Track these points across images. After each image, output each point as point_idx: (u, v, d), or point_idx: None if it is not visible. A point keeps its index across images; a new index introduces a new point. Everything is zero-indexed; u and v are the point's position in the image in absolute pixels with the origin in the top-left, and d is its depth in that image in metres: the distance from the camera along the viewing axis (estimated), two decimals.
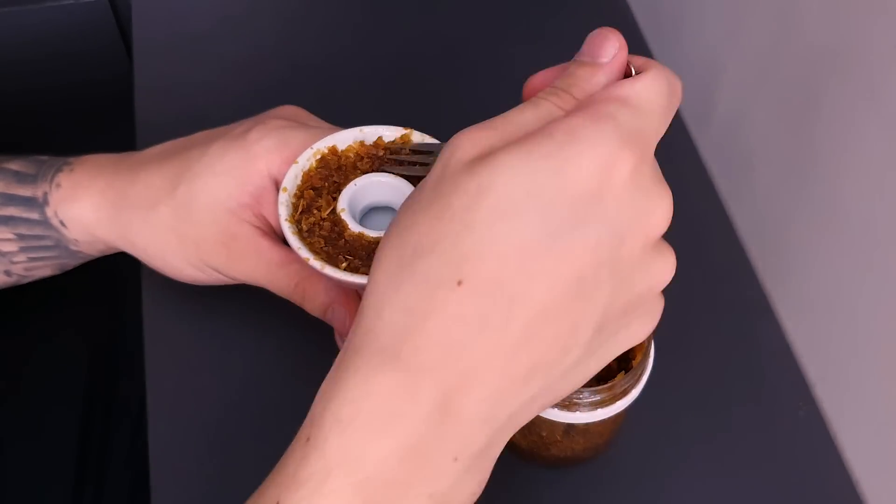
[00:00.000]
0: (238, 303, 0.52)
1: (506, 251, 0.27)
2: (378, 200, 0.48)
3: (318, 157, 0.47)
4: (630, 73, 0.31)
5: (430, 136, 0.48)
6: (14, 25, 0.81)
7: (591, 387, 0.40)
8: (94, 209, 0.48)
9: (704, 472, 0.49)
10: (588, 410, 0.41)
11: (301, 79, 0.66)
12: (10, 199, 0.48)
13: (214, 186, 0.46)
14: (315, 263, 0.43)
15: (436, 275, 0.27)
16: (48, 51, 0.83)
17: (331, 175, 0.47)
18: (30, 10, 0.81)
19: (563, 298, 0.27)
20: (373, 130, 0.48)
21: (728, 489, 0.48)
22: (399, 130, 0.48)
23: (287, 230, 0.44)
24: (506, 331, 0.27)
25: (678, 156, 0.63)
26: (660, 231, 0.29)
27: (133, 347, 0.56)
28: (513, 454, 0.47)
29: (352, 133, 0.48)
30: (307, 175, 0.47)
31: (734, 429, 0.50)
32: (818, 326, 0.52)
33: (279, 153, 0.46)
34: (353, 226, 0.45)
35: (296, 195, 0.46)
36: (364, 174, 0.47)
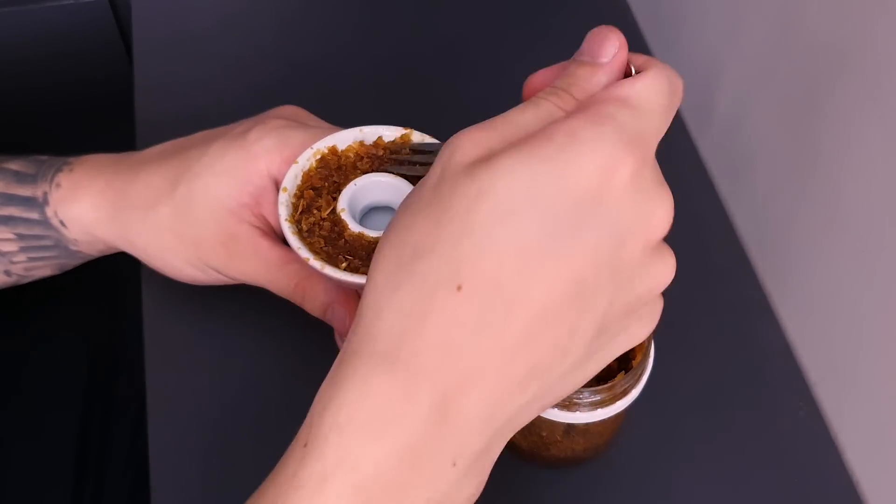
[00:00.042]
0: (238, 303, 0.52)
1: (505, 254, 0.27)
2: (378, 200, 0.48)
3: (318, 157, 0.47)
4: (631, 72, 0.31)
5: (430, 136, 0.48)
6: (14, 25, 0.81)
7: (591, 387, 0.40)
8: (94, 209, 0.48)
9: (704, 472, 0.49)
10: (588, 410, 0.41)
11: (301, 78, 0.66)
12: (10, 199, 0.48)
13: (214, 186, 0.46)
14: (315, 263, 0.43)
15: (434, 277, 0.27)
16: (48, 51, 0.83)
17: (331, 175, 0.47)
18: (30, 10, 0.81)
19: (562, 301, 0.27)
20: (373, 130, 0.48)
21: (728, 489, 0.48)
22: (399, 130, 0.48)
23: (287, 230, 0.44)
24: (504, 334, 0.27)
25: (678, 156, 0.63)
26: (660, 233, 0.29)
27: (133, 347, 0.56)
28: (513, 454, 0.47)
29: (352, 133, 0.48)
30: (307, 175, 0.47)
31: (734, 429, 0.50)
32: (818, 326, 0.52)
33: (279, 153, 0.46)
34: (353, 226, 0.45)
35: (296, 195, 0.46)
36: (364, 174, 0.47)
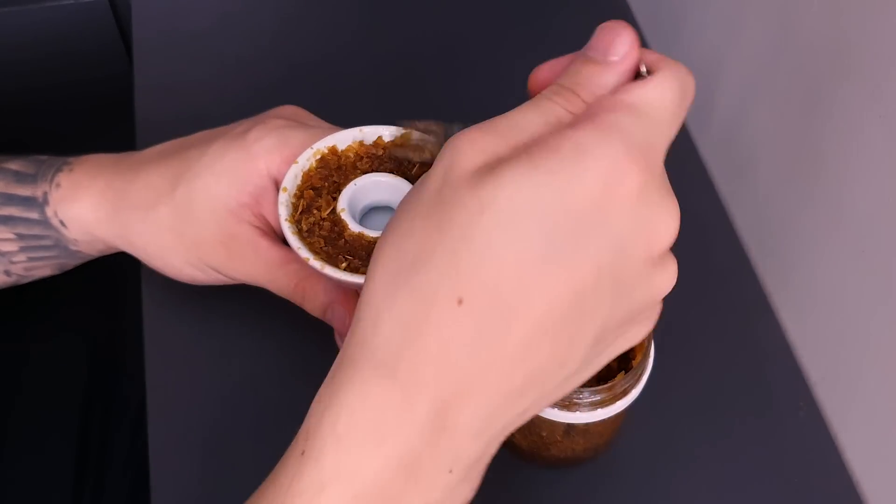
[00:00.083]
0: (238, 303, 0.52)
1: (506, 268, 0.26)
2: (378, 200, 0.48)
3: (318, 157, 0.47)
4: (640, 71, 0.29)
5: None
6: (14, 25, 0.81)
7: (591, 387, 0.40)
8: (94, 209, 0.48)
9: (704, 472, 0.49)
10: (588, 410, 0.41)
11: (301, 78, 0.66)
12: (10, 199, 0.48)
13: (214, 186, 0.46)
14: (315, 263, 0.43)
15: (434, 289, 0.27)
16: (48, 51, 0.83)
17: (331, 175, 0.47)
18: (30, 10, 0.81)
19: (563, 315, 0.27)
20: (372, 130, 0.48)
21: (728, 489, 0.48)
22: (399, 130, 0.48)
23: (287, 230, 0.44)
24: (503, 348, 0.27)
25: (678, 156, 0.62)
26: (665, 245, 0.28)
27: (133, 347, 0.56)
28: (513, 454, 0.47)
29: (351, 133, 0.48)
30: (307, 175, 0.46)
31: (734, 429, 0.50)
32: (818, 326, 0.52)
33: (279, 153, 0.46)
34: (353, 226, 0.45)
35: (296, 195, 0.46)
36: (364, 174, 0.47)
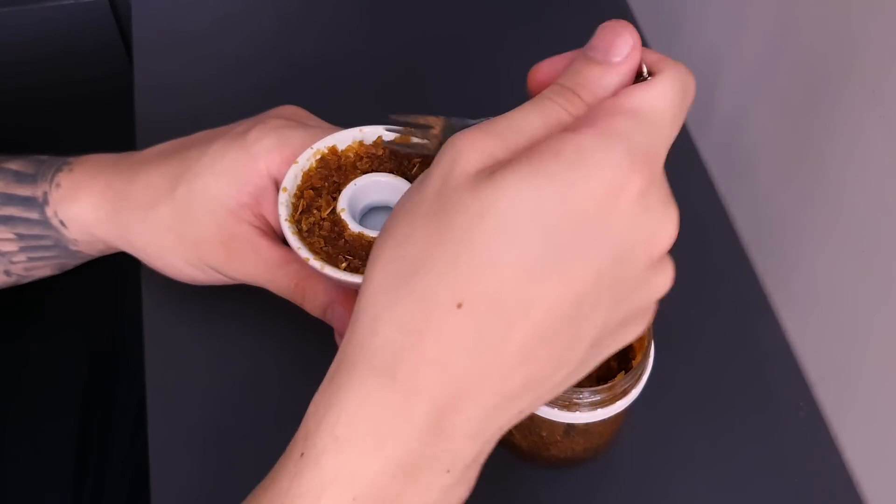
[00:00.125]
0: (238, 303, 0.52)
1: (506, 274, 0.26)
2: (378, 200, 0.48)
3: (318, 157, 0.47)
4: (642, 71, 0.29)
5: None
6: (14, 25, 0.81)
7: (591, 387, 0.40)
8: (94, 209, 0.48)
9: (704, 472, 0.49)
10: (588, 410, 0.41)
11: (301, 78, 0.66)
12: (10, 199, 0.48)
13: (214, 186, 0.46)
14: (315, 263, 0.43)
15: (434, 294, 0.27)
16: (48, 51, 0.83)
17: (331, 175, 0.47)
18: (30, 10, 0.81)
19: (562, 320, 0.27)
20: (372, 130, 0.48)
21: (728, 489, 0.48)
22: (399, 130, 0.48)
23: (287, 230, 0.44)
24: (503, 352, 0.27)
25: (678, 156, 0.63)
26: (664, 249, 0.28)
27: (133, 347, 0.56)
28: (513, 454, 0.47)
29: (351, 133, 0.48)
30: (307, 175, 0.46)
31: (734, 428, 0.50)
32: (818, 326, 0.52)
33: (279, 153, 0.46)
34: (353, 226, 0.45)
35: (296, 195, 0.46)
36: (364, 174, 0.47)
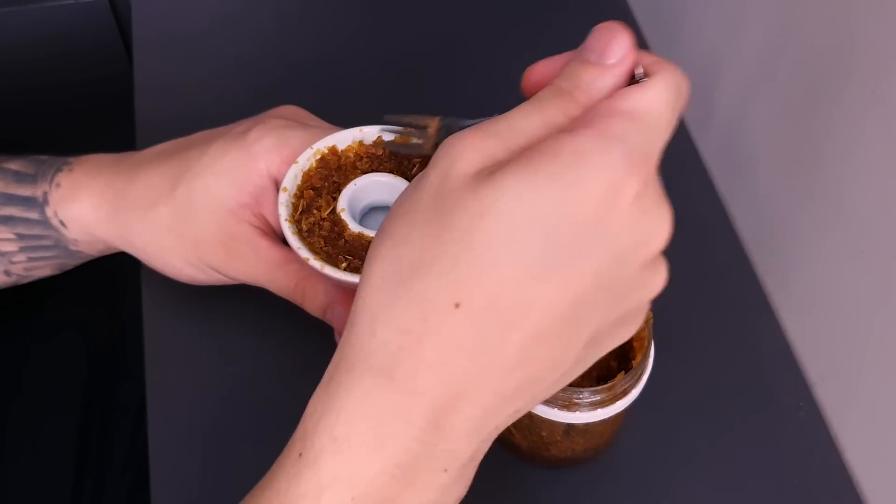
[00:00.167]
0: (238, 303, 0.52)
1: (505, 276, 0.26)
2: (378, 200, 0.48)
3: (318, 157, 0.47)
4: (637, 72, 0.30)
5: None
6: (14, 25, 0.81)
7: (591, 387, 0.40)
8: (94, 209, 0.48)
9: (704, 473, 0.49)
10: (588, 410, 0.41)
11: (301, 78, 0.66)
12: (10, 199, 0.48)
13: (214, 186, 0.46)
14: (315, 263, 0.43)
15: (433, 296, 0.27)
16: (48, 51, 0.83)
17: (331, 175, 0.47)
18: (30, 10, 0.81)
19: (560, 321, 0.27)
20: (372, 130, 0.48)
21: (728, 489, 0.48)
22: (399, 130, 0.48)
23: (287, 230, 0.44)
24: (501, 354, 0.27)
25: (678, 156, 0.63)
26: (659, 249, 0.29)
27: (133, 347, 0.56)
28: (513, 454, 0.47)
29: (351, 133, 0.48)
30: (307, 175, 0.46)
31: (734, 428, 0.50)
32: (818, 326, 0.52)
33: (279, 153, 0.46)
34: (353, 226, 0.45)
35: (296, 195, 0.46)
36: (364, 174, 0.47)
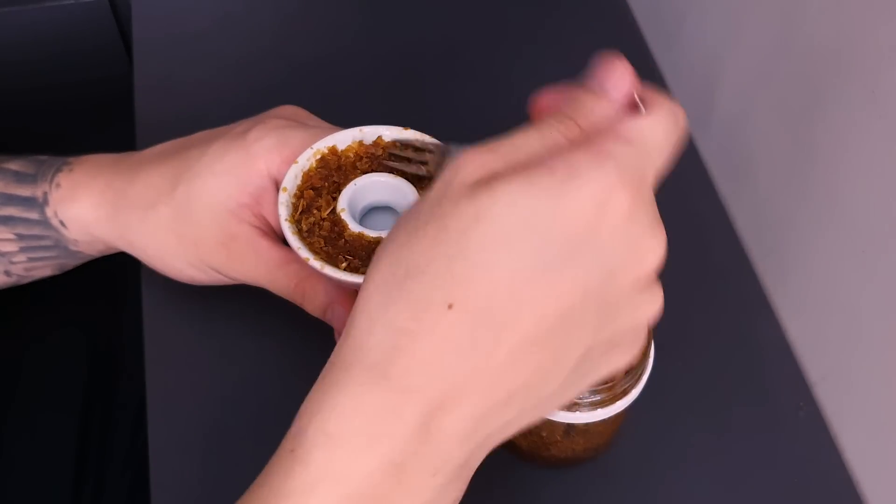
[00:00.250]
0: (238, 303, 0.52)
1: (498, 279, 0.27)
2: (378, 200, 0.48)
3: (318, 157, 0.47)
4: (636, 104, 0.31)
5: (430, 137, 0.48)
6: (14, 25, 0.81)
7: (591, 387, 0.40)
8: (94, 209, 0.48)
9: (704, 473, 0.49)
10: (588, 410, 0.41)
11: (301, 78, 0.66)
12: (10, 199, 0.48)
13: (214, 186, 0.46)
14: (315, 263, 0.43)
15: (427, 296, 0.27)
16: (48, 51, 0.83)
17: (331, 175, 0.47)
18: (30, 10, 0.81)
19: (550, 330, 0.28)
20: (372, 130, 0.48)
21: (728, 489, 0.48)
22: (399, 130, 0.48)
23: (287, 230, 0.44)
24: (492, 355, 0.27)
25: (679, 156, 0.63)
26: (651, 270, 0.29)
27: (133, 347, 0.56)
28: (513, 454, 0.47)
29: (351, 133, 0.48)
30: (307, 175, 0.47)
31: (734, 429, 0.50)
32: (818, 326, 0.52)
33: (279, 153, 0.46)
34: (353, 226, 0.45)
35: (296, 195, 0.46)
36: (364, 174, 0.47)
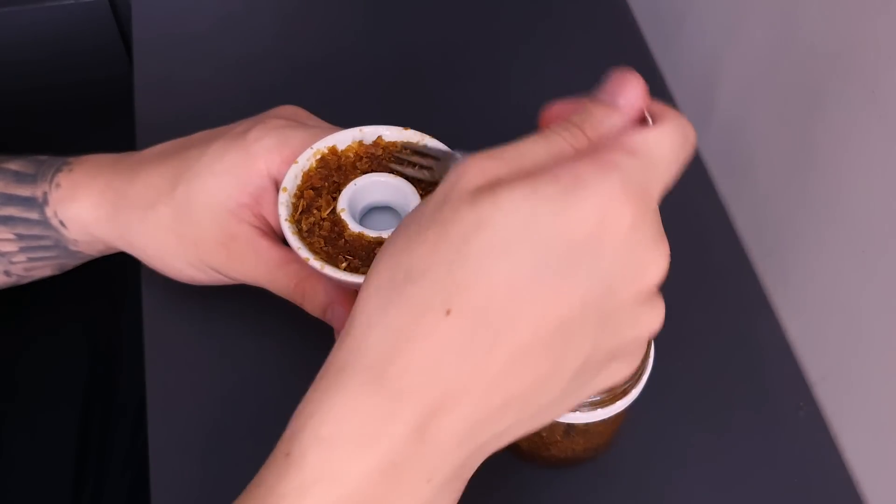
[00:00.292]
0: (238, 303, 0.52)
1: (496, 286, 0.27)
2: (378, 200, 0.48)
3: (318, 157, 0.47)
4: (645, 119, 0.31)
5: (430, 136, 0.48)
6: (14, 25, 0.81)
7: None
8: (94, 209, 0.48)
9: (704, 473, 0.49)
10: (588, 410, 0.41)
11: (301, 78, 0.66)
12: (10, 199, 0.48)
13: (214, 186, 0.46)
14: (315, 263, 0.43)
15: (425, 300, 0.27)
16: (48, 51, 0.83)
17: (331, 175, 0.47)
18: (30, 10, 0.81)
19: (547, 340, 0.27)
20: (372, 130, 0.48)
21: (728, 489, 0.48)
22: (399, 130, 0.48)
23: (287, 230, 0.44)
24: (488, 362, 0.27)
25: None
26: (653, 284, 0.29)
27: (133, 347, 0.56)
28: (513, 454, 0.47)
29: (351, 133, 0.48)
30: (307, 175, 0.47)
31: (734, 429, 0.50)
32: (818, 326, 0.52)
33: (279, 153, 0.46)
34: (353, 226, 0.45)
35: (296, 195, 0.46)
36: (364, 174, 0.47)
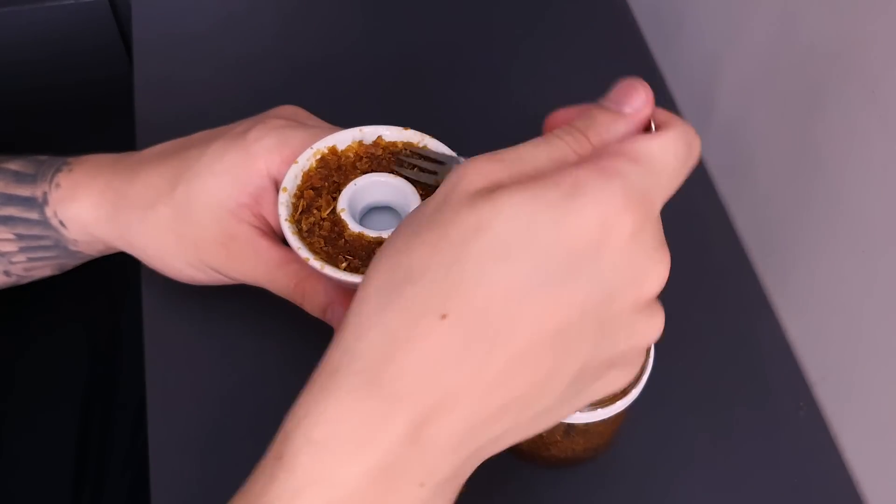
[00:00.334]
0: (238, 303, 0.52)
1: (494, 291, 0.27)
2: (378, 200, 0.48)
3: (318, 157, 0.47)
4: (651, 127, 0.31)
5: (430, 136, 0.48)
6: (14, 25, 0.81)
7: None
8: (93, 209, 0.48)
9: (704, 473, 0.49)
10: (588, 410, 0.41)
11: (301, 78, 0.66)
12: (10, 199, 0.48)
13: (213, 186, 0.46)
14: (315, 263, 0.43)
15: (422, 303, 0.27)
16: (48, 51, 0.83)
17: (331, 175, 0.47)
18: (30, 10, 0.81)
19: (544, 346, 0.27)
20: (372, 130, 0.48)
21: (728, 489, 0.48)
22: (399, 130, 0.48)
23: (287, 230, 0.44)
24: (484, 368, 0.27)
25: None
26: (653, 293, 0.29)
27: (133, 347, 0.56)
28: (513, 454, 0.47)
29: (351, 133, 0.48)
30: (307, 175, 0.47)
31: (734, 429, 0.50)
32: (818, 326, 0.52)
33: (279, 153, 0.46)
34: (353, 226, 0.45)
35: (296, 195, 0.46)
36: (364, 174, 0.47)
